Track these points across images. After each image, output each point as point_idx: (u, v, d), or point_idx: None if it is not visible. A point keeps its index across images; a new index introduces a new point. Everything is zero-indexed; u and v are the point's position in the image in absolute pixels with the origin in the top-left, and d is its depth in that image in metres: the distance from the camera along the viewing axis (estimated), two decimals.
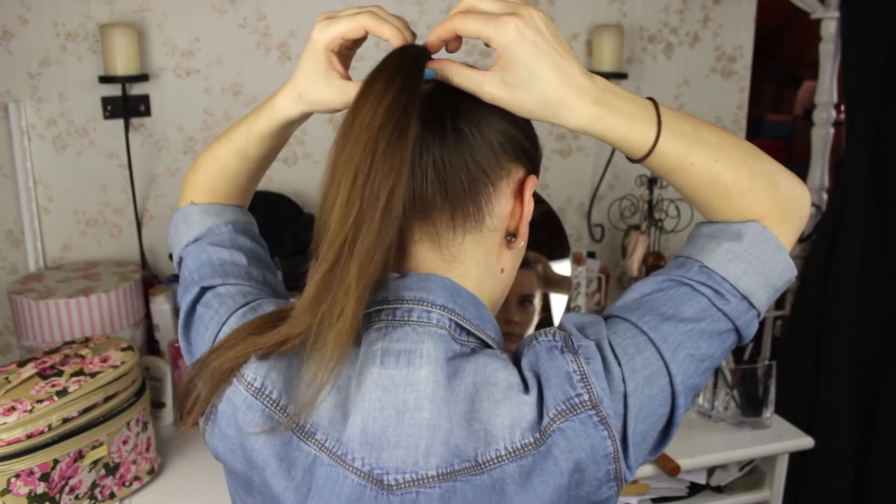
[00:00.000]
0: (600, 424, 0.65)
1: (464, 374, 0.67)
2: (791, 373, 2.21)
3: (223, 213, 0.89)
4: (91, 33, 1.84)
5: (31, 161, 1.86)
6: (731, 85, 2.37)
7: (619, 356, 0.68)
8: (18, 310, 1.65)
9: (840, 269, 2.15)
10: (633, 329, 0.70)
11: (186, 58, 1.92)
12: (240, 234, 0.88)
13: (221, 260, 0.84)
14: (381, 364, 0.67)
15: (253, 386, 0.70)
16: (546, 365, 0.67)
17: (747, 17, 2.32)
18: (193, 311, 0.82)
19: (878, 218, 2.13)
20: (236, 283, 0.82)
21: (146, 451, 1.45)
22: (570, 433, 0.64)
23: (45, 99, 1.85)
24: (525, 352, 0.70)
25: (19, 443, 1.24)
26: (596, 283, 2.12)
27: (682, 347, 0.70)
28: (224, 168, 0.86)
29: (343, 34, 0.72)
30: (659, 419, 0.70)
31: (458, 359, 0.68)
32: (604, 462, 0.65)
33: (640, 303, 0.73)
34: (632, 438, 0.67)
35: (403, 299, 0.70)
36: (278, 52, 1.98)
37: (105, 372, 1.36)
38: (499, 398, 0.66)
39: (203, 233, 0.87)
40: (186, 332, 0.83)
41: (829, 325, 2.16)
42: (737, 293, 0.72)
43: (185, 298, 0.84)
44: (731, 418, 1.73)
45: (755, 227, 0.73)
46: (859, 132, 2.13)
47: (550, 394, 0.65)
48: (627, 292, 0.75)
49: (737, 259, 0.72)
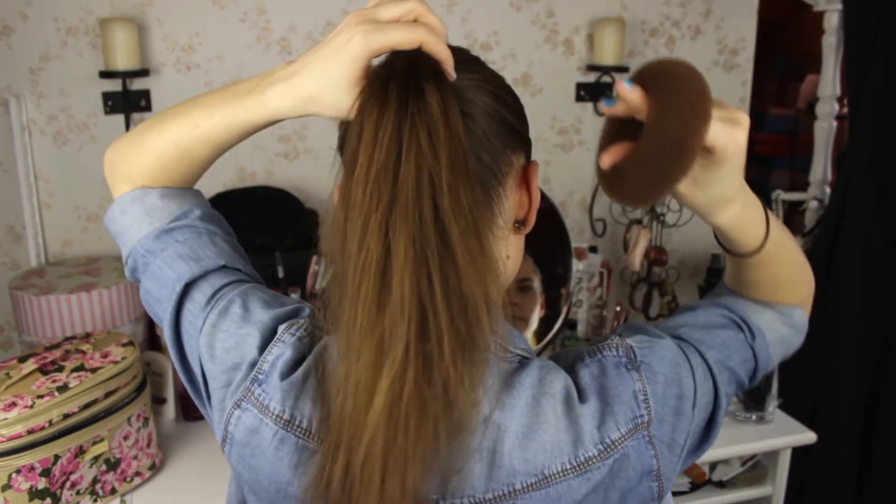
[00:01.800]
0: (649, 445, 0.66)
1: (522, 387, 0.66)
2: (793, 367, 2.19)
3: (185, 196, 0.81)
4: (91, 28, 1.83)
5: (32, 156, 1.86)
6: (734, 78, 2.36)
7: (697, 384, 0.72)
8: (19, 305, 1.65)
9: (843, 262, 2.14)
10: (700, 358, 0.75)
11: (187, 52, 1.92)
12: (208, 220, 0.81)
13: (196, 249, 0.77)
14: None
15: (282, 419, 0.67)
16: (615, 381, 0.67)
17: (749, 10, 2.32)
18: (180, 311, 0.76)
19: (881, 211, 2.13)
20: (224, 268, 0.77)
21: (147, 446, 1.45)
22: (633, 452, 0.66)
23: (46, 94, 1.85)
24: (588, 362, 0.69)
25: (20, 438, 1.24)
26: (598, 278, 2.11)
27: (729, 384, 0.78)
28: (190, 155, 0.77)
29: (394, 45, 0.64)
30: (697, 438, 0.74)
31: (511, 375, 0.67)
32: (647, 479, 0.67)
33: (704, 333, 0.78)
34: (679, 454, 0.70)
35: None
36: (279, 47, 1.97)
37: (106, 367, 1.36)
38: (561, 410, 0.65)
39: (170, 221, 0.78)
40: (176, 336, 0.77)
41: (832, 320, 2.16)
42: (766, 348, 0.81)
43: (165, 302, 0.76)
44: (733, 413, 1.73)
45: (799, 312, 0.85)
46: (862, 125, 2.12)
47: (621, 410, 0.66)
48: (691, 314, 0.81)
49: (775, 329, 0.82)
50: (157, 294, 0.78)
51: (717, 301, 0.83)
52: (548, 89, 2.21)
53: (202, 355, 0.73)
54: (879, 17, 2.03)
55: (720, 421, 0.75)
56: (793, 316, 0.84)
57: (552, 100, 2.21)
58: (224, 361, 0.72)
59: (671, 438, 0.68)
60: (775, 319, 0.82)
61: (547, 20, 2.16)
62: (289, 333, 0.70)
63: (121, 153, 0.80)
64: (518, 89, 1.97)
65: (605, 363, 0.68)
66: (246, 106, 0.71)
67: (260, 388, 0.68)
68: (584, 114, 2.25)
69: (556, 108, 2.22)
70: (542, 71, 2.19)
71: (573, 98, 2.23)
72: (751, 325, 0.80)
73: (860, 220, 2.12)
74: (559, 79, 2.21)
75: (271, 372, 0.68)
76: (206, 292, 0.75)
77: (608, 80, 2.18)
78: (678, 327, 0.78)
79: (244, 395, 0.68)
